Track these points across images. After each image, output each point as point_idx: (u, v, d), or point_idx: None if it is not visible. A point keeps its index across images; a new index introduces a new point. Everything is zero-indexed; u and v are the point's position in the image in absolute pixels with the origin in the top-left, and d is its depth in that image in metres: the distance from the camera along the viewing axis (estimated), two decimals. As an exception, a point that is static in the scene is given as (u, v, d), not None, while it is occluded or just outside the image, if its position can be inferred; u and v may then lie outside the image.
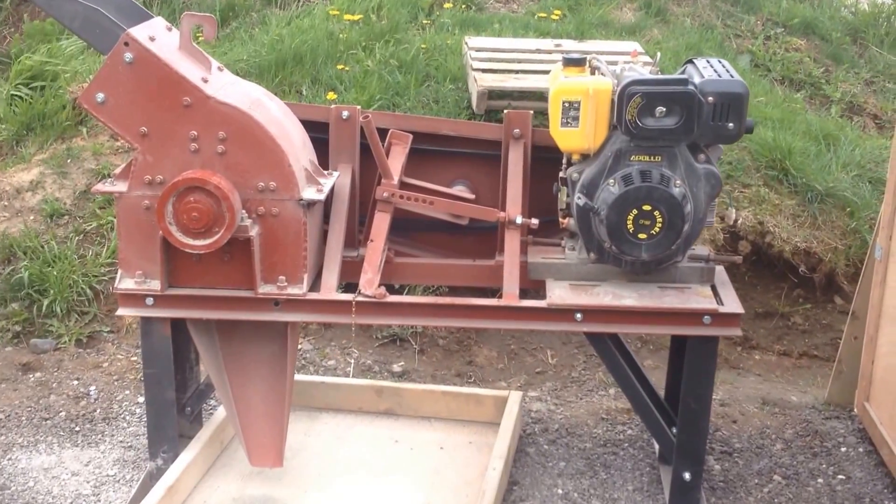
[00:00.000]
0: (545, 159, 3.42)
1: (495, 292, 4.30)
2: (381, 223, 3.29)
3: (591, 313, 3.08)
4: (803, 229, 4.92)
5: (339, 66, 5.76)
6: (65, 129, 5.82)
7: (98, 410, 4.02)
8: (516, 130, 3.42)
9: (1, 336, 4.57)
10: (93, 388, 4.18)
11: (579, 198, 3.04)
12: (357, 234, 3.47)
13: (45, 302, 4.61)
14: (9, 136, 5.85)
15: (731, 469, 3.60)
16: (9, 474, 3.53)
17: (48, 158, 5.62)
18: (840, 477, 3.56)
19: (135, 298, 3.18)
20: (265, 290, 3.15)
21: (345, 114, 3.43)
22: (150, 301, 3.17)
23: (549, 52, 5.93)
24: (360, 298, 3.14)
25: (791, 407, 4.13)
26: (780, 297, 4.90)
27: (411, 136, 3.44)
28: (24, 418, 3.96)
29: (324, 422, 3.79)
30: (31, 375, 4.29)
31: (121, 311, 3.21)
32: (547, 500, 3.37)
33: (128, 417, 3.97)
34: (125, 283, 3.17)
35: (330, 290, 3.19)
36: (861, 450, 3.71)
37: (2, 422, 3.94)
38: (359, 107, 3.48)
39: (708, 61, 3.18)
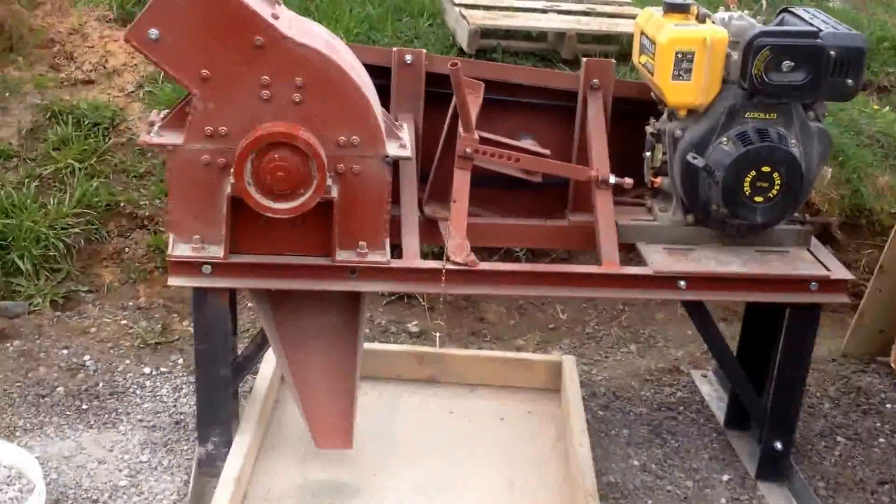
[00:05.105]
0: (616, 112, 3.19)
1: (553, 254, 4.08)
2: (462, 181, 2.98)
3: (696, 280, 2.90)
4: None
5: (307, -3, 5.32)
6: (-10, 57, 5.16)
7: (101, 384, 3.58)
8: (595, 80, 3.17)
9: (-40, 298, 4.02)
10: (87, 357, 3.73)
11: (694, 157, 2.82)
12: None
13: (12, 257, 4.07)
14: (-81, 62, 5.13)
15: (793, 432, 3.54)
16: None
17: (-23, 91, 4.97)
18: (899, 435, 3.57)
19: (189, 266, 2.79)
20: (343, 257, 2.81)
21: (408, 58, 3.10)
22: (207, 269, 2.79)
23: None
24: (450, 266, 2.85)
25: (816, 360, 4.10)
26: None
27: (483, 85, 3.14)
28: (15, 395, 3.49)
29: (365, 392, 3.47)
30: (8, 344, 3.79)
31: (173, 281, 2.81)
32: (627, 474, 3.22)
33: (138, 392, 3.55)
34: (180, 250, 2.77)
35: (414, 256, 2.88)
36: (907, 406, 3.73)
37: (-10, 400, 3.46)
38: (424, 50, 3.14)
39: (808, 11, 3.00)
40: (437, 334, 3.12)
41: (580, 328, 4.40)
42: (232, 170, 2.65)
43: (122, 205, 4.47)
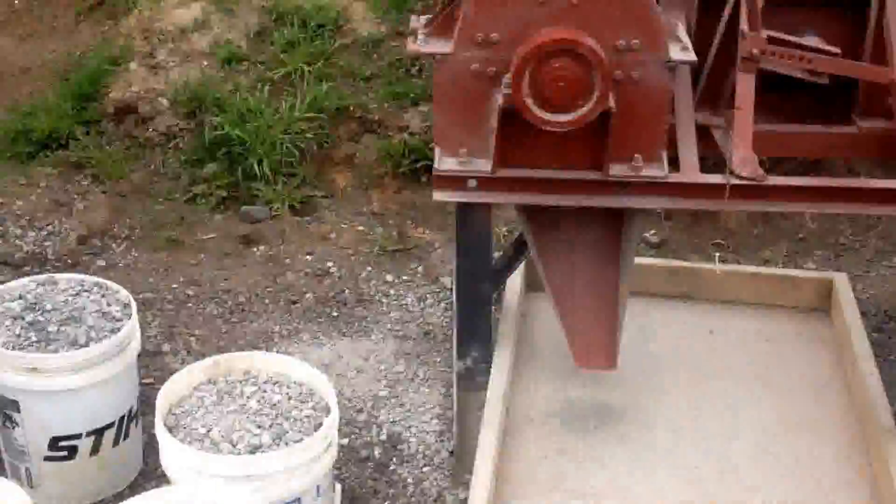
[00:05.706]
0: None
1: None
2: (746, 86, 2.70)
3: None
4: None
5: None
6: (208, -41, 5.16)
7: (346, 291, 3.60)
8: (896, -33, 2.78)
9: (205, 202, 4.11)
10: (330, 264, 3.75)
11: None
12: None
13: (251, 163, 4.11)
14: (141, -38, 5.18)
15: None
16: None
17: (203, -8, 4.99)
18: None
19: (455, 181, 2.67)
20: (616, 171, 2.62)
21: (684, -51, 2.81)
22: (472, 184, 2.67)
23: None
24: (734, 181, 2.62)
25: None
26: None
27: (765, -23, 2.82)
28: (268, 301, 3.55)
29: (614, 307, 3.34)
30: (255, 249, 3.86)
31: (437, 196, 2.70)
32: (913, 406, 2.95)
33: (383, 300, 3.55)
34: (446, 164, 2.66)
35: (692, 169, 2.66)
36: None
37: (244, 305, 3.53)
38: (698, -60, 2.85)
39: None
40: (717, 254, 2.90)
41: (833, 238, 4.08)
42: (505, 80, 2.49)
43: (350, 108, 4.42)
